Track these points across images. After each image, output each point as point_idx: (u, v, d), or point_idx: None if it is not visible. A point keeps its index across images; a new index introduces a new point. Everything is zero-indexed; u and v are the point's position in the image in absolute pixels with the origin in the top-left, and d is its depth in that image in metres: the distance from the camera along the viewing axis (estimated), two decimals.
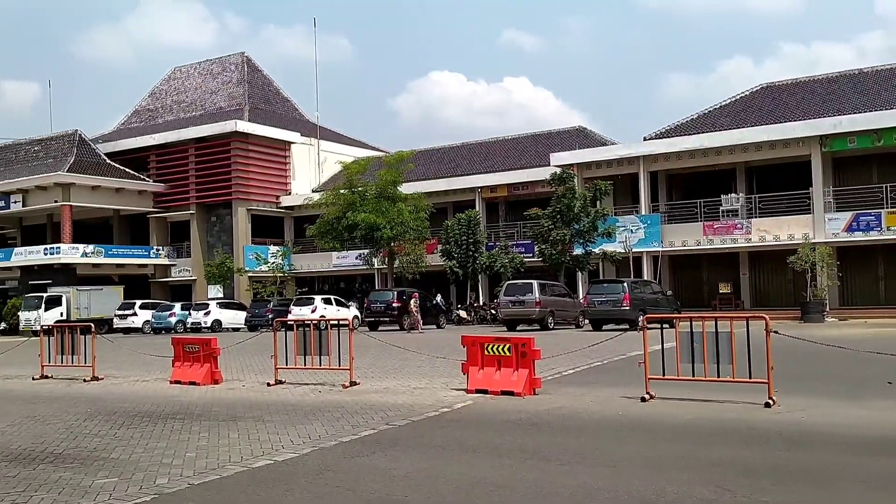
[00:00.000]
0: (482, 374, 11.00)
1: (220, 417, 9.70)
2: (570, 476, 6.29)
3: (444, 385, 12.06)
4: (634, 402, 9.82)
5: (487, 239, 40.00)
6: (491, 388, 10.70)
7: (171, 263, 47.95)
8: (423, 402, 10.41)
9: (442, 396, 10.95)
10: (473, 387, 11.01)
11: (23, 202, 45.83)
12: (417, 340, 21.49)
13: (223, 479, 6.56)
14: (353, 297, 41.69)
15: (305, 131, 50.82)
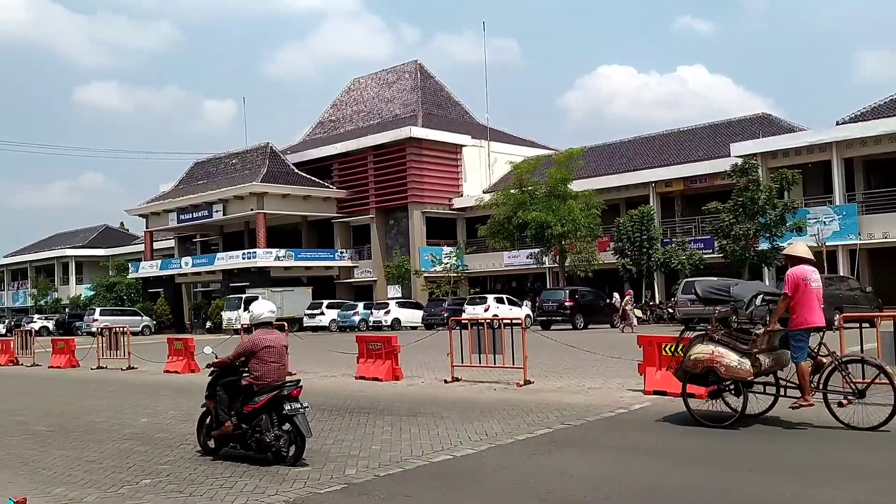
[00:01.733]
0: (660, 375, 10.69)
1: (402, 413, 10.13)
2: (762, 485, 5.96)
3: (620, 386, 11.84)
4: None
5: (663, 235, 38.63)
6: (670, 390, 10.37)
7: (353, 265, 50.46)
8: (598, 403, 10.29)
9: (618, 397, 10.76)
10: (651, 388, 10.73)
11: (223, 211, 50.14)
12: (591, 340, 21.19)
13: (406, 472, 6.86)
14: (525, 296, 41.80)
15: (476, 133, 51.59)
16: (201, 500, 6.20)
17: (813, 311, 8.09)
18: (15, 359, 23.06)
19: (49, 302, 66.90)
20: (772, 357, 8.34)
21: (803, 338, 8.10)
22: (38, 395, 14.55)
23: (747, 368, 8.05)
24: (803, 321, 8.07)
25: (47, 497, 6.37)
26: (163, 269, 53.91)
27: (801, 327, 8.10)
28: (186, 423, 10.08)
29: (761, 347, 8.17)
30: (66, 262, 71.77)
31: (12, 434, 9.85)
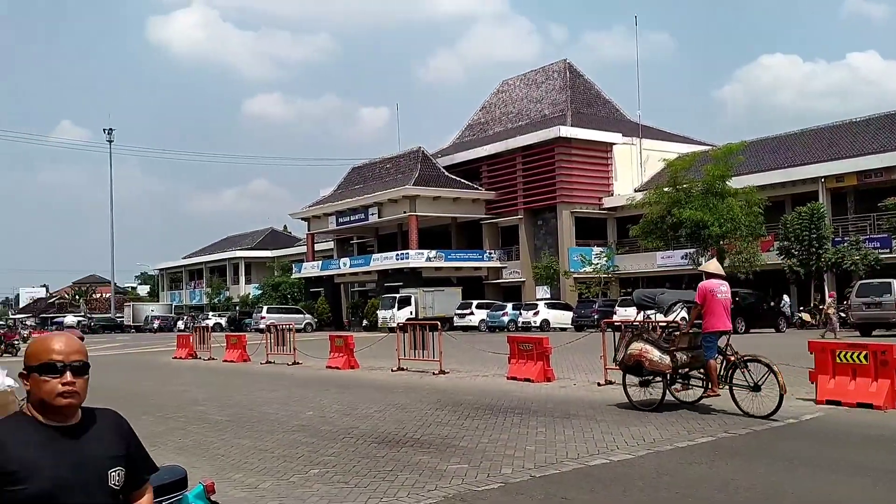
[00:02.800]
0: (833, 383, 10.01)
1: (555, 414, 10.09)
2: None
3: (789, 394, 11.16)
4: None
5: (834, 234, 36.04)
6: (844, 400, 9.70)
7: (502, 266, 50.73)
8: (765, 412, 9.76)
9: (787, 406, 10.17)
10: (823, 397, 10.07)
11: (378, 214, 52.00)
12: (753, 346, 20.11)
13: (562, 473, 6.84)
14: None
15: (627, 131, 50.39)
16: (365, 491, 6.47)
17: (719, 318, 9.64)
18: (194, 352, 25.04)
19: (222, 300, 72.06)
20: (690, 355, 9.97)
21: (711, 339, 9.67)
22: (216, 387, 15.73)
23: (667, 363, 9.83)
24: (710, 326, 9.64)
25: (227, 482, 6.88)
26: (323, 269, 56.64)
27: (708, 331, 9.66)
28: (349, 417, 10.56)
29: (680, 346, 9.97)
30: (237, 263, 77.09)
31: (194, 423, 10.72)
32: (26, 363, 2.25)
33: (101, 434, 2.31)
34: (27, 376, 2.24)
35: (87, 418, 2.31)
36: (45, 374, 2.19)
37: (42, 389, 2.20)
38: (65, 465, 2.17)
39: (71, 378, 2.21)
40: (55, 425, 2.22)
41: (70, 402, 2.22)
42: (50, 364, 2.20)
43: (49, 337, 2.31)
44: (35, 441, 2.17)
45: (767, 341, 23.80)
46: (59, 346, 2.24)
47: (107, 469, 2.26)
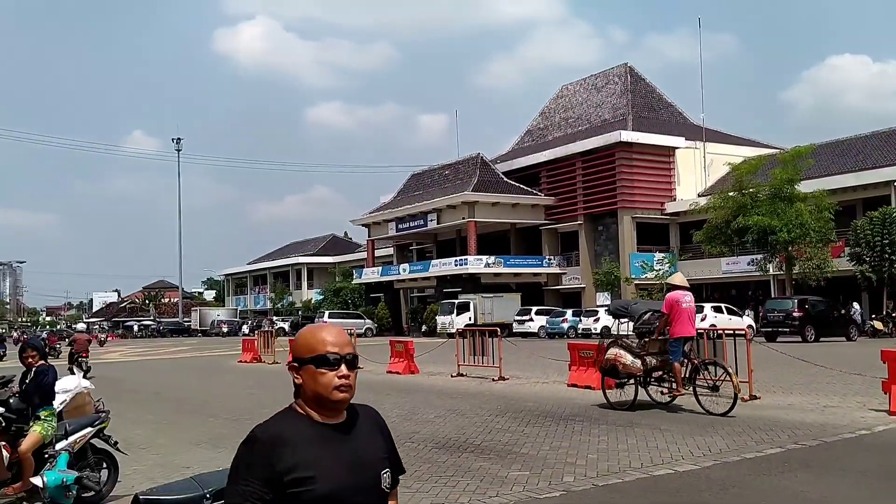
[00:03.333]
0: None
1: (618, 422, 9.97)
2: None
3: (860, 405, 10.81)
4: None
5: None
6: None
7: (561, 272, 50.33)
8: (836, 423, 9.48)
9: (858, 417, 9.84)
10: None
11: (437, 220, 52.21)
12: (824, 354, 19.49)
13: (625, 483, 6.76)
14: (746, 306, 39.28)
15: (690, 135, 49.45)
16: (427, 495, 6.52)
17: (684, 325, 10.73)
18: (258, 356, 25.54)
19: (285, 305, 73.33)
20: (659, 359, 11.05)
21: (676, 345, 10.75)
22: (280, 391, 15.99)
23: (638, 366, 10.93)
24: (676, 332, 10.71)
25: None
26: (383, 275, 57.15)
27: (673, 336, 10.72)
28: (409, 422, 10.64)
29: (650, 351, 11.07)
30: (299, 268, 78.42)
31: None
32: (296, 354, 2.13)
33: (369, 432, 2.20)
34: (298, 368, 2.12)
35: (351, 415, 2.19)
36: (321, 367, 2.07)
37: (318, 382, 2.07)
38: (343, 466, 2.06)
39: (346, 371, 2.10)
40: (327, 423, 2.11)
41: (345, 397, 2.10)
42: (323, 357, 2.08)
43: (319, 328, 2.17)
44: (314, 440, 2.06)
45: (838, 350, 23.01)
46: (332, 338, 2.12)
47: (379, 470, 2.15)
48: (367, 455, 2.13)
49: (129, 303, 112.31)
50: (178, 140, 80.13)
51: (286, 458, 2.00)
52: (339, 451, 2.08)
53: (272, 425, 2.09)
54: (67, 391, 7.87)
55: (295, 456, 2.00)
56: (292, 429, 2.06)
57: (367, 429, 2.20)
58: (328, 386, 2.07)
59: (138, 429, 10.66)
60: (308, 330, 2.19)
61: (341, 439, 2.10)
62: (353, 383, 2.11)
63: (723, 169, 42.60)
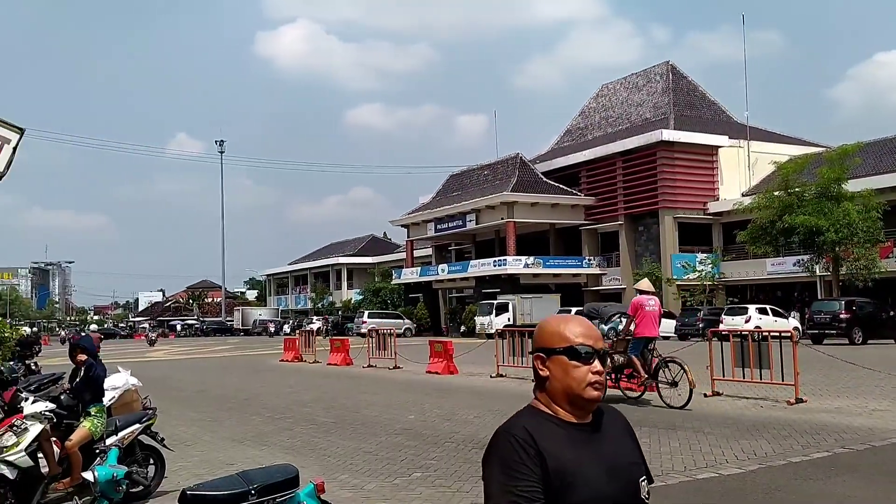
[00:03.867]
0: None
1: (659, 425, 9.86)
2: None
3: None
4: None
5: None
6: None
7: (601, 272, 49.89)
8: (885, 427, 9.26)
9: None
10: None
11: (476, 220, 52.17)
12: (872, 357, 19.02)
13: (668, 486, 6.69)
14: (792, 307, 38.51)
15: (733, 133, 48.63)
16: (467, 496, 6.53)
17: (647, 326, 11.80)
18: (299, 355, 25.83)
19: (325, 305, 74.00)
20: (626, 357, 11.96)
21: (637, 343, 11.87)
22: (321, 390, 16.19)
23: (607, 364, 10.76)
24: (639, 332, 11.82)
25: (334, 482, 7.07)
26: (422, 275, 57.31)
27: (637, 336, 11.84)
28: (449, 423, 10.66)
29: (617, 350, 11.95)
30: (339, 269, 79.02)
31: (302, 423, 11.08)
32: (542, 345, 1.96)
33: (619, 435, 2.00)
34: (545, 359, 1.95)
35: (597, 416, 1.99)
36: (573, 360, 1.91)
37: (571, 376, 1.90)
38: (601, 472, 1.86)
39: (600, 367, 1.93)
40: (577, 423, 1.92)
41: (598, 396, 1.92)
42: (575, 349, 1.91)
43: (568, 318, 2.01)
44: (567, 441, 1.87)
45: (886, 353, 22.40)
46: (584, 330, 1.95)
47: (637, 477, 1.94)
48: (622, 460, 1.93)
49: (174, 302, 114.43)
50: (221, 142, 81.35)
51: (550, 459, 1.82)
52: (595, 455, 1.88)
53: (523, 424, 1.89)
54: (116, 388, 8.06)
55: (557, 458, 1.82)
56: (544, 429, 1.88)
57: (617, 431, 2.00)
58: (581, 381, 1.91)
59: (183, 426, 10.87)
60: (556, 319, 2.02)
61: (594, 442, 1.91)
62: (604, 381, 1.94)
63: (768, 168, 41.85)
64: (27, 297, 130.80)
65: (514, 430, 1.87)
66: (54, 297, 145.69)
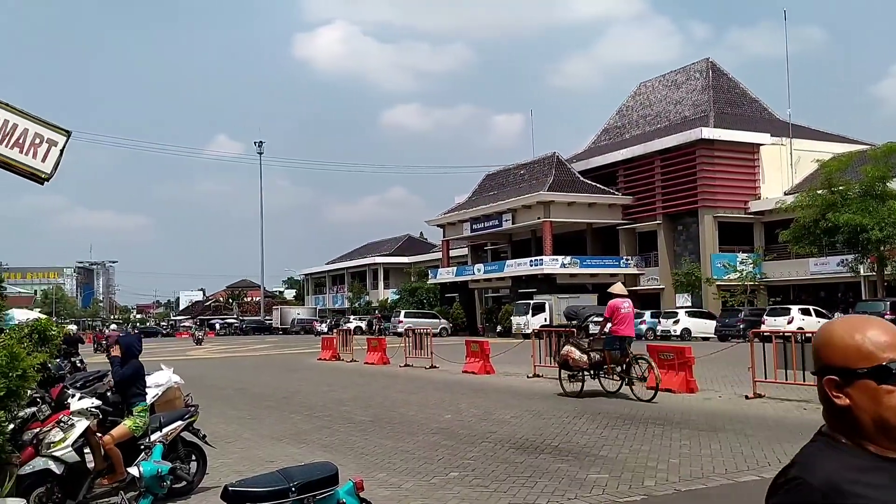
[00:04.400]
0: None
1: (700, 427, 9.74)
2: None
3: None
4: None
5: None
6: None
7: (639, 272, 49.39)
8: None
9: None
10: None
11: (512, 220, 52.04)
12: None
13: (708, 489, 6.61)
14: (836, 308, 37.70)
15: (775, 131, 47.77)
16: (504, 496, 6.52)
17: (623, 326, 13.00)
18: (337, 354, 26.02)
19: (362, 304, 74.47)
20: (602, 355, 13.11)
21: (612, 340, 13.01)
22: (358, 388, 16.30)
23: (585, 360, 13.22)
24: (615, 331, 12.98)
25: (372, 481, 7.10)
26: (458, 275, 57.35)
27: (613, 334, 13.00)
28: (486, 422, 10.65)
29: (595, 348, 13.28)
30: (376, 268, 79.49)
31: (340, 422, 11.16)
32: (834, 363, 1.46)
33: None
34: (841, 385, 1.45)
35: None
36: (885, 382, 1.41)
37: (885, 405, 1.41)
38: None
39: None
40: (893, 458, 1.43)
41: None
42: (886, 369, 1.41)
43: (865, 322, 1.48)
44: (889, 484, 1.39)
45: None
46: (892, 339, 1.44)
47: None
48: None
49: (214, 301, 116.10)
50: (260, 143, 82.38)
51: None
52: None
53: (822, 465, 1.43)
54: (159, 385, 8.22)
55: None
56: (851, 469, 1.40)
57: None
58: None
59: (223, 423, 11.02)
60: (848, 325, 1.49)
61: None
62: None
63: (811, 166, 41.07)
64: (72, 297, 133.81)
65: (804, 474, 1.43)
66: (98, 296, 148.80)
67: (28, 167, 5.72)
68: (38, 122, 5.81)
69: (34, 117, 5.81)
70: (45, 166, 5.77)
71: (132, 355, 7.12)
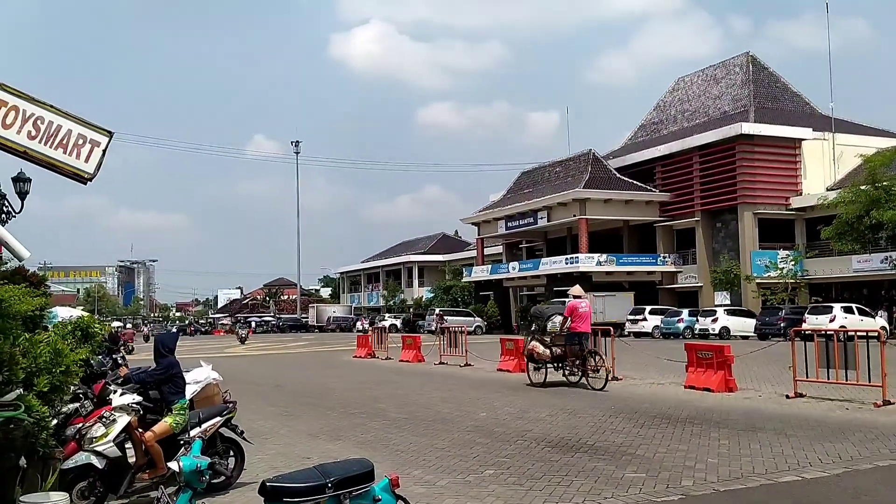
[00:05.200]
0: None
1: (739, 426, 9.59)
2: None
3: None
4: None
5: None
6: None
7: (677, 270, 48.75)
8: None
9: None
10: None
11: (547, 218, 51.74)
12: None
13: (748, 489, 6.51)
14: (880, 306, 36.83)
15: (818, 126, 46.82)
16: (540, 494, 6.50)
17: (579, 323, 14.74)
18: (372, 352, 26.16)
19: (397, 302, 74.77)
20: (563, 349, 14.91)
21: (572, 336, 14.75)
22: (393, 386, 16.37)
23: (547, 354, 15.05)
24: (574, 328, 14.74)
25: (406, 478, 7.13)
26: (492, 273, 57.26)
27: (572, 331, 14.75)
28: (521, 420, 10.62)
29: (556, 343, 15.08)
30: (410, 267, 79.78)
31: (375, 419, 11.22)
32: None
33: None
34: None
35: None
36: None
37: None
38: None
39: None
40: None
41: None
42: None
43: None
44: None
45: None
46: None
47: None
48: None
49: (251, 299, 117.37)
50: (297, 143, 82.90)
51: None
52: None
53: None
54: (198, 382, 8.34)
55: None
56: None
57: None
58: None
59: (261, 419, 11.15)
60: None
61: None
62: None
63: (854, 161, 40.20)
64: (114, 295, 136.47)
65: None
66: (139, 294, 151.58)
67: (71, 167, 5.84)
68: (81, 122, 5.93)
69: (77, 118, 5.93)
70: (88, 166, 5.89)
71: (161, 354, 7.21)
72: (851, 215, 34.35)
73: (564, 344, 14.84)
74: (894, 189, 33.03)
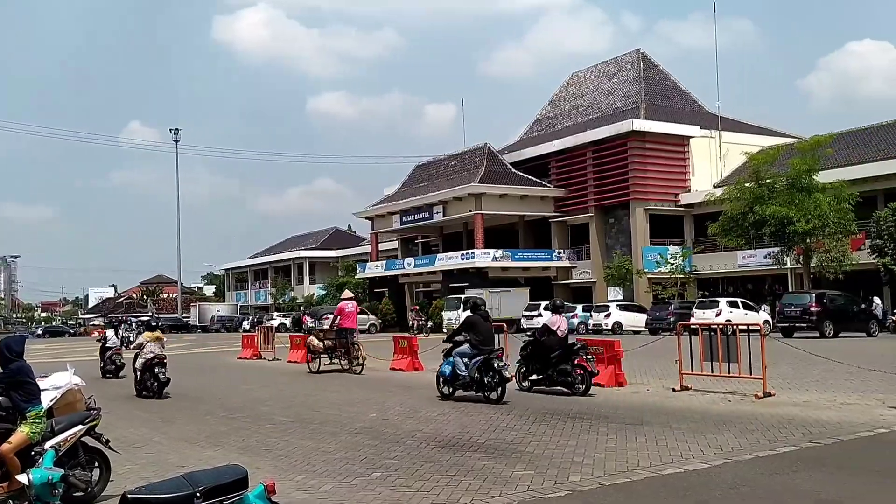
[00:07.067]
0: None
1: (626, 420, 9.68)
2: None
3: (880, 402, 10.49)
4: None
5: None
6: None
7: (571, 266, 49.64)
8: (853, 420, 9.17)
9: (877, 415, 9.53)
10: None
11: (443, 212, 51.52)
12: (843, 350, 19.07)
13: (633, 482, 6.51)
14: (763, 300, 38.73)
15: (705, 123, 48.65)
16: (427, 495, 6.28)
17: (346, 321, 18.45)
18: (258, 353, 25.22)
19: (286, 300, 72.58)
20: (332, 342, 18.68)
21: (341, 332, 18.48)
22: (280, 388, 15.81)
23: (321, 346, 18.85)
24: (341, 325, 18.41)
25: (289, 483, 6.77)
26: (387, 269, 56.49)
27: (340, 328, 18.43)
28: (412, 420, 10.38)
29: (328, 337, 18.87)
30: (301, 263, 77.38)
31: (258, 423, 10.70)
32: None
33: None
34: None
35: None
36: None
37: None
38: None
39: None
40: None
41: None
42: None
43: None
44: None
45: (857, 346, 22.52)
46: None
47: None
48: None
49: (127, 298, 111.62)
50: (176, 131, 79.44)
51: None
52: None
53: None
54: (58, 388, 7.66)
55: None
56: None
57: None
58: None
59: (132, 427, 10.45)
60: None
61: None
62: None
63: (739, 159, 41.95)
64: None
65: None
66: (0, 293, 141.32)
67: None
68: None
69: None
70: None
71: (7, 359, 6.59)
72: (736, 212, 35.71)
73: (335, 338, 18.52)
74: (777, 186, 34.57)
